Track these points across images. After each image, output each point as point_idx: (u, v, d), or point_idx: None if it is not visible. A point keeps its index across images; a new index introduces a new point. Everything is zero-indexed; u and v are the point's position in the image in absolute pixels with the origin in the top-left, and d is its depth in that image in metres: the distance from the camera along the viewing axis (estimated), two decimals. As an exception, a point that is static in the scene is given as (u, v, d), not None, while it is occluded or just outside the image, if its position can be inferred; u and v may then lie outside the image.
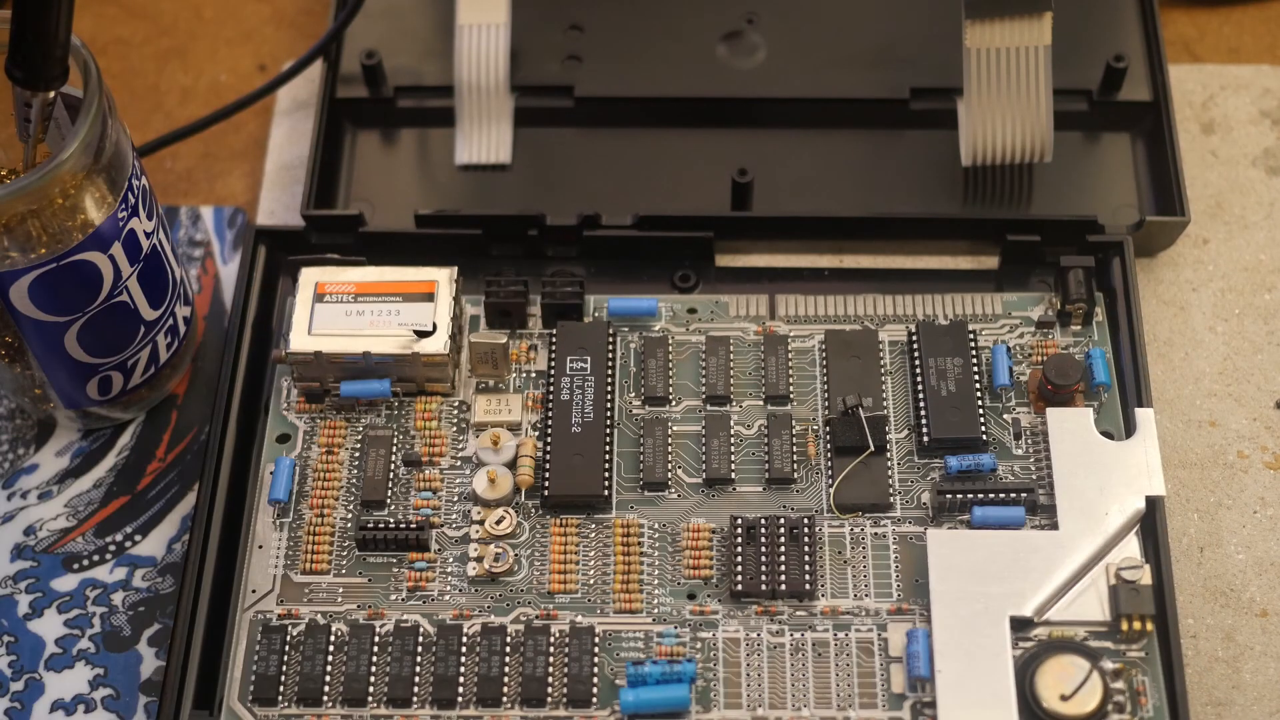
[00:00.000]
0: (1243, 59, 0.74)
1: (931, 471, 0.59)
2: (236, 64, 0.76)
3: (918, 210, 0.68)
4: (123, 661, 0.60)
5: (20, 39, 0.54)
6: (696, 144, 0.70)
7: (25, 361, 0.60)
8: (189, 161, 0.73)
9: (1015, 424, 0.60)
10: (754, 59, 0.72)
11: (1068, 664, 0.54)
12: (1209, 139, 0.71)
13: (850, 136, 0.70)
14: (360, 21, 0.72)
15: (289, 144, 0.72)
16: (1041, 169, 0.68)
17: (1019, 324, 0.63)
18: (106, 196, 0.56)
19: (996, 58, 0.65)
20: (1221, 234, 0.68)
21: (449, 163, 0.70)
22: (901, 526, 0.58)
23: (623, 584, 0.57)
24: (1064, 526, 0.56)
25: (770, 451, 0.60)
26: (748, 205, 0.67)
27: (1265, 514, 0.61)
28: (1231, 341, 0.65)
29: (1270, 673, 0.58)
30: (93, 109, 0.55)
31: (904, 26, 0.72)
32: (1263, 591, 0.60)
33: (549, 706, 0.55)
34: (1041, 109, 0.66)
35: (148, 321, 0.61)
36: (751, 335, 0.63)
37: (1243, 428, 0.63)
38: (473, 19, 0.69)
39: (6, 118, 0.57)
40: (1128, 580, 0.55)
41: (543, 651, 0.56)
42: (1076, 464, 0.58)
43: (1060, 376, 0.59)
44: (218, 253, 0.70)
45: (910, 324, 0.63)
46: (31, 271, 0.55)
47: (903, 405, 0.61)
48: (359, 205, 0.68)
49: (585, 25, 0.73)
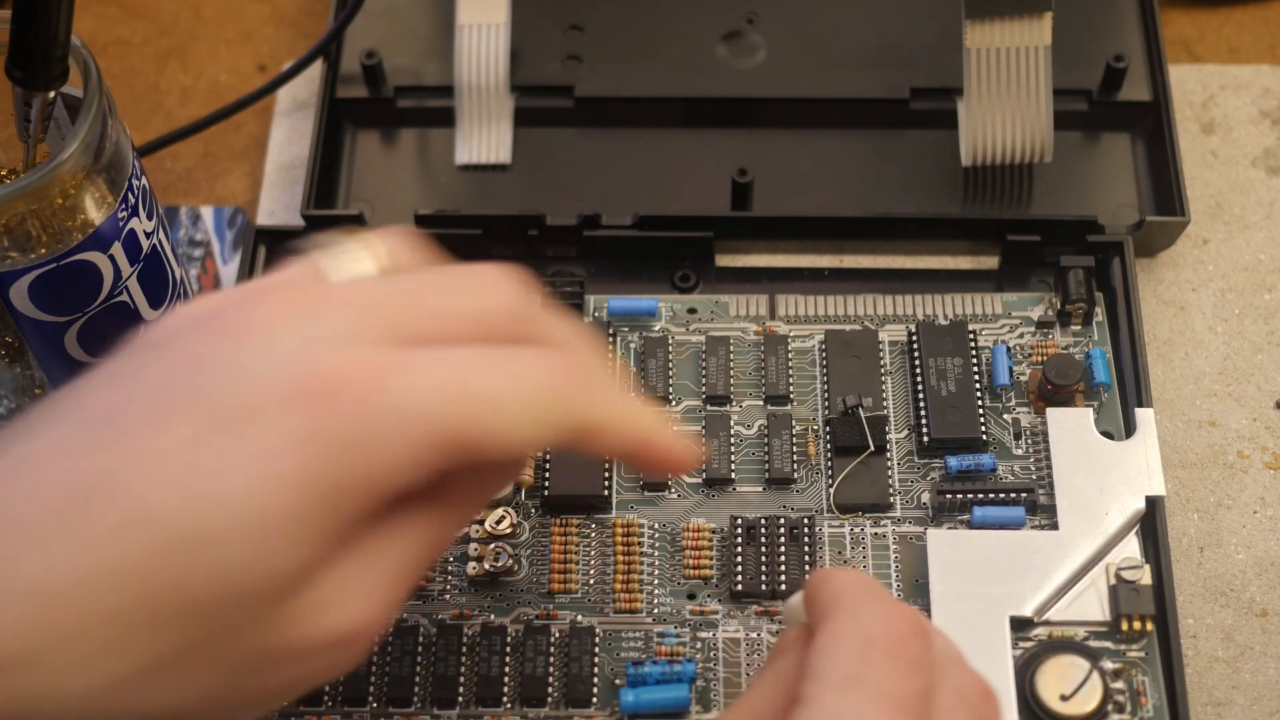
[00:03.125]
0: (1243, 59, 0.74)
1: (931, 471, 0.59)
2: (236, 64, 0.76)
3: (918, 210, 0.68)
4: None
5: (20, 39, 0.54)
6: (696, 144, 0.70)
7: (25, 361, 0.60)
8: (189, 161, 0.73)
9: (1015, 424, 0.60)
10: (754, 59, 0.72)
11: (1068, 664, 0.54)
12: (1209, 139, 0.71)
13: (850, 136, 0.70)
14: (360, 21, 0.72)
15: (289, 144, 0.72)
16: (1041, 169, 0.68)
17: (1019, 324, 0.63)
18: (106, 196, 0.56)
19: (996, 58, 0.65)
20: (1221, 234, 0.68)
21: (449, 163, 0.70)
22: (901, 526, 0.58)
23: (623, 584, 0.57)
24: (1064, 526, 0.56)
25: (770, 451, 0.60)
26: (748, 205, 0.67)
27: (1265, 514, 0.61)
28: (1231, 341, 0.65)
29: (1270, 673, 0.58)
30: (93, 109, 0.55)
31: (904, 26, 0.72)
32: (1263, 591, 0.60)
33: (549, 706, 0.55)
34: (1041, 109, 0.66)
35: (148, 322, 0.61)
36: (751, 335, 0.63)
37: (1243, 428, 0.63)
38: (473, 19, 0.69)
39: (6, 118, 0.57)
40: (1128, 580, 0.55)
41: (542, 651, 0.56)
42: (1076, 464, 0.58)
43: (1060, 376, 0.59)
44: (218, 253, 0.70)
45: (910, 324, 0.63)
46: (31, 271, 0.55)
47: (903, 405, 0.61)
48: (359, 205, 0.68)
49: (585, 25, 0.73)
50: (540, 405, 0.42)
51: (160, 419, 0.39)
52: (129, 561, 0.38)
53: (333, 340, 0.40)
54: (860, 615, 0.42)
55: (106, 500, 0.38)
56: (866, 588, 0.43)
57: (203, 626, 0.39)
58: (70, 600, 0.38)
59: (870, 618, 0.42)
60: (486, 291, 0.44)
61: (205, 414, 0.39)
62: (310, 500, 0.39)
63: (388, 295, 0.43)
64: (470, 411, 0.41)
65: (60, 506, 0.38)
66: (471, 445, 0.41)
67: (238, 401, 0.39)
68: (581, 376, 0.43)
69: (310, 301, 0.42)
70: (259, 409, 0.39)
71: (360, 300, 0.42)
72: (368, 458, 0.39)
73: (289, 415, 0.39)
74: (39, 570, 0.38)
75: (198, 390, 0.39)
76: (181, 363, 0.40)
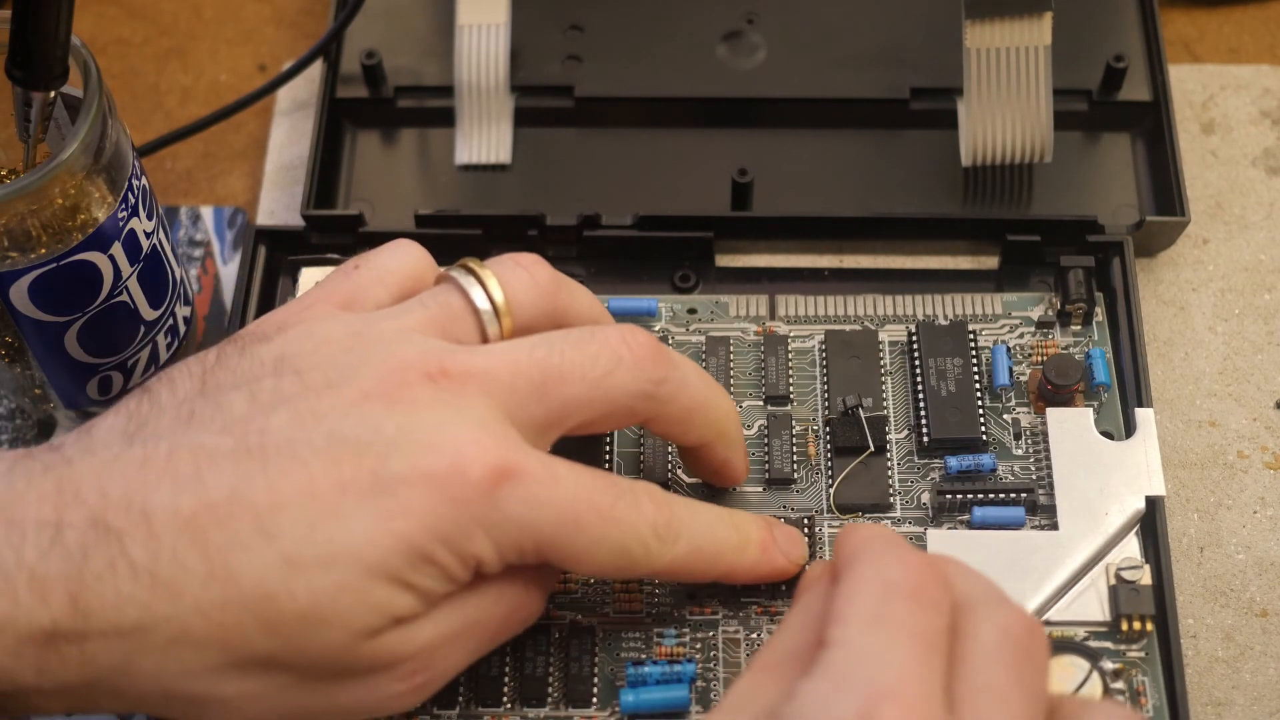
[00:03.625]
0: (1243, 59, 0.74)
1: (931, 472, 0.59)
2: (236, 64, 0.76)
3: (918, 210, 0.68)
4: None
5: (20, 39, 0.54)
6: (696, 144, 0.70)
7: (25, 361, 0.60)
8: (189, 161, 0.73)
9: (1015, 424, 0.60)
10: (754, 59, 0.72)
11: (1068, 664, 0.54)
12: (1209, 139, 0.71)
13: (850, 136, 0.70)
14: (360, 21, 0.72)
15: (289, 144, 0.72)
16: (1041, 169, 0.68)
17: (1019, 324, 0.63)
18: (106, 196, 0.56)
19: (996, 58, 0.65)
20: (1221, 234, 0.68)
21: (449, 163, 0.70)
22: (902, 527, 0.58)
23: (622, 584, 0.57)
24: (1064, 527, 0.56)
25: (770, 452, 0.60)
26: (748, 205, 0.67)
27: (1265, 514, 0.61)
28: (1231, 341, 0.65)
29: (1270, 673, 0.58)
30: (93, 109, 0.55)
31: (904, 26, 0.72)
32: (1263, 591, 0.60)
33: (549, 706, 0.55)
34: (1041, 109, 0.66)
35: (148, 321, 0.61)
36: (751, 335, 0.63)
37: (1243, 428, 0.63)
38: (473, 19, 0.69)
39: (6, 118, 0.57)
40: (1127, 580, 0.55)
41: (542, 651, 0.56)
42: (1076, 464, 0.58)
43: (1060, 376, 0.59)
44: (218, 253, 0.70)
45: (910, 324, 0.63)
46: (31, 271, 0.55)
47: (903, 405, 0.61)
48: (359, 205, 0.68)
49: (585, 25, 0.73)
50: (629, 554, 0.49)
51: (305, 461, 0.46)
52: (250, 573, 0.45)
53: (470, 424, 0.47)
54: (882, 562, 0.45)
55: (243, 519, 0.45)
56: (888, 539, 0.47)
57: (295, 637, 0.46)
58: (193, 594, 0.44)
59: (891, 564, 0.45)
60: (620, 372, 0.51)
61: (344, 466, 0.46)
62: (413, 559, 0.46)
63: (529, 369, 0.49)
64: (566, 541, 0.48)
65: (207, 516, 0.45)
66: (556, 564, 0.49)
67: (376, 466, 0.46)
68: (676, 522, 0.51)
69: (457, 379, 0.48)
70: (397, 480, 0.46)
71: (501, 376, 0.49)
72: (464, 545, 0.47)
73: (417, 491, 0.46)
74: (172, 568, 0.44)
75: (341, 441, 0.46)
76: (324, 403, 0.47)
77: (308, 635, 0.45)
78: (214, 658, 0.45)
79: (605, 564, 0.49)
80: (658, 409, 0.52)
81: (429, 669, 0.49)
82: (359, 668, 0.47)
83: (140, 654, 0.44)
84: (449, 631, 0.48)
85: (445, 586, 0.47)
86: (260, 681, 0.46)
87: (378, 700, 0.48)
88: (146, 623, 0.44)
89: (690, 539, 0.51)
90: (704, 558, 0.52)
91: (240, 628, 0.45)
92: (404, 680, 0.48)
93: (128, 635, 0.44)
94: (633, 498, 0.49)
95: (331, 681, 0.47)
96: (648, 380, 0.51)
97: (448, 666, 0.49)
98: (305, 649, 0.46)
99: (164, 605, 0.44)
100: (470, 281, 0.52)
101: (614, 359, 0.50)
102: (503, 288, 0.52)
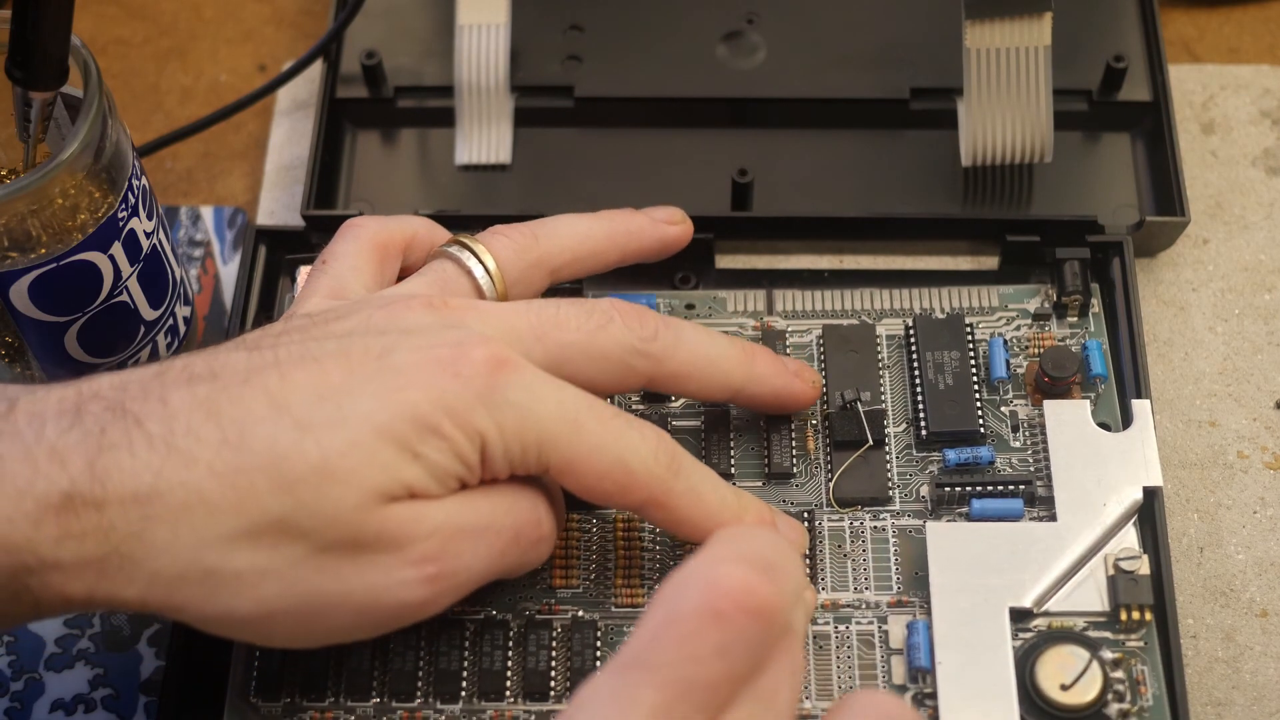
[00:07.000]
0: (1243, 59, 0.74)
1: (930, 464, 0.59)
2: (236, 64, 0.76)
3: (918, 210, 0.68)
4: (122, 661, 0.60)
5: (20, 39, 0.54)
6: (696, 144, 0.70)
7: (25, 361, 0.60)
8: (189, 161, 0.73)
9: (1013, 416, 0.60)
10: (754, 59, 0.72)
11: (1067, 654, 0.54)
12: (1209, 139, 0.71)
13: (850, 136, 0.70)
14: (360, 21, 0.72)
15: (289, 144, 0.72)
16: (1041, 169, 0.68)
17: (1015, 316, 0.63)
18: (107, 196, 0.56)
19: (996, 58, 0.65)
20: (1221, 234, 0.68)
21: (449, 163, 0.70)
22: (901, 520, 0.58)
23: (624, 579, 0.57)
24: (1062, 518, 0.56)
25: (769, 446, 0.60)
26: (748, 205, 0.67)
27: (1265, 514, 0.61)
28: (1231, 341, 0.65)
29: (1270, 673, 0.58)
30: (93, 109, 0.55)
31: (904, 26, 0.72)
32: (1263, 591, 0.60)
33: (551, 700, 0.55)
34: (1041, 109, 0.66)
35: (148, 321, 0.61)
36: (749, 330, 0.63)
37: (1243, 428, 0.63)
38: (473, 19, 0.70)
39: (6, 118, 0.57)
40: (1126, 570, 0.55)
41: (545, 645, 0.56)
42: (1074, 456, 0.58)
43: (1057, 369, 0.59)
44: (218, 253, 0.70)
45: (907, 318, 0.63)
46: (31, 271, 0.55)
47: (901, 399, 0.61)
48: (359, 205, 0.69)
49: (585, 25, 0.73)
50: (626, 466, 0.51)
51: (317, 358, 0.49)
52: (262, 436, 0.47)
53: (472, 332, 0.50)
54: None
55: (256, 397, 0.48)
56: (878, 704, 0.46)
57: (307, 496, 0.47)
58: (206, 460, 0.46)
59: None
60: (613, 327, 0.54)
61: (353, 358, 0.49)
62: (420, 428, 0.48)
63: (527, 314, 0.53)
64: (566, 443, 0.50)
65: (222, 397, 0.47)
66: (554, 471, 0.51)
67: (382, 355, 0.49)
68: (678, 455, 0.53)
69: (458, 310, 0.52)
70: (403, 363, 0.49)
71: (502, 314, 0.53)
72: (468, 418, 0.49)
73: (423, 370, 0.49)
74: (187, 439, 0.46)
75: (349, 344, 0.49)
76: (334, 327, 0.51)
77: (320, 494, 0.47)
78: (227, 523, 0.46)
79: (605, 474, 0.51)
80: (656, 366, 0.55)
81: (440, 559, 0.49)
82: (369, 539, 0.48)
83: (156, 521, 0.46)
84: (461, 524, 0.49)
85: (453, 465, 0.49)
86: (272, 554, 0.47)
87: (388, 586, 0.48)
88: (161, 487, 0.46)
89: (690, 482, 0.53)
90: (704, 505, 0.53)
91: (253, 489, 0.46)
92: (416, 566, 0.48)
93: (144, 500, 0.45)
94: (632, 418, 0.52)
95: (343, 557, 0.48)
96: (638, 337, 0.54)
97: (458, 567, 0.49)
98: (317, 510, 0.47)
99: (179, 471, 0.46)
100: (463, 252, 0.56)
101: (606, 316, 0.54)
102: (491, 254, 0.56)
